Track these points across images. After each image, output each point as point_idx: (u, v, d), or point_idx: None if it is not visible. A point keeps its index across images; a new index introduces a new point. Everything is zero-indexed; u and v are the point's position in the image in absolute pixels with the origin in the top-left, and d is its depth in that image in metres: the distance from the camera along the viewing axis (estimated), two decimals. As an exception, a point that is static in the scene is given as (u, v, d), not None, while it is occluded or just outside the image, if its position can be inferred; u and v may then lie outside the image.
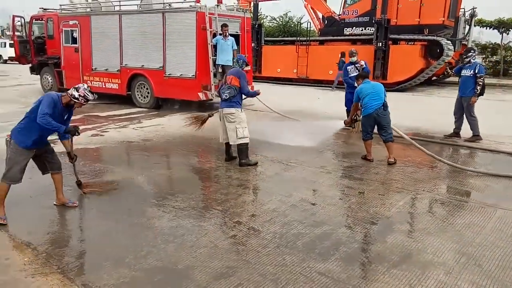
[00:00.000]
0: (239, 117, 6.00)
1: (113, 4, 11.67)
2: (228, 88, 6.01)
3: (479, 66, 7.64)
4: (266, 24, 25.39)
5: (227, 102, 6.00)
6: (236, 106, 6.01)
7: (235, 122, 5.98)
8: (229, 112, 6.01)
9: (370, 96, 6.15)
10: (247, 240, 3.79)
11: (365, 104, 6.21)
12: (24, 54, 14.04)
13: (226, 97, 5.98)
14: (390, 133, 6.22)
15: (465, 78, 7.76)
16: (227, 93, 5.96)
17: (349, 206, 4.64)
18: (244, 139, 6.02)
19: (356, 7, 18.17)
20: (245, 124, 6.08)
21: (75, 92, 4.18)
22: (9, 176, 4.14)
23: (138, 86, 11.19)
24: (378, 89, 6.24)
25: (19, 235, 3.86)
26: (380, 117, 6.14)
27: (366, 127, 6.31)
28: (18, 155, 4.15)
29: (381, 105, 6.11)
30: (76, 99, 4.18)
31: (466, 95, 7.76)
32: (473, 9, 17.19)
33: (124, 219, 4.22)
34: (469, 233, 3.98)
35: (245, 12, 11.59)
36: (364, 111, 6.27)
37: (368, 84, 6.35)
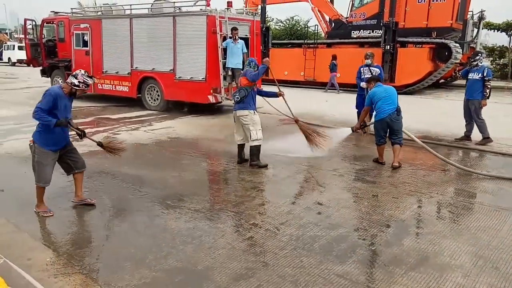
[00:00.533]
0: (252, 119, 6.07)
1: (124, 8, 11.77)
2: (238, 90, 6.13)
3: (487, 70, 7.65)
4: (272, 27, 25.44)
5: (240, 104, 6.07)
6: (248, 108, 6.06)
7: (249, 124, 6.05)
8: (242, 114, 6.08)
9: (383, 101, 6.10)
10: (264, 242, 3.83)
11: (378, 108, 6.15)
12: (35, 57, 14.20)
13: (238, 99, 6.06)
14: (400, 137, 6.20)
15: (472, 81, 7.76)
16: (238, 95, 6.06)
17: (363, 209, 4.66)
18: (257, 141, 6.10)
19: (363, 10, 18.16)
20: (259, 126, 6.15)
21: (74, 80, 4.23)
22: (42, 178, 4.32)
23: (148, 89, 11.28)
24: (391, 93, 6.21)
25: (39, 236, 3.94)
26: (393, 122, 6.10)
27: (379, 131, 6.26)
28: (45, 158, 4.29)
29: (395, 109, 6.07)
30: (77, 86, 4.24)
31: (473, 98, 7.76)
32: (482, 11, 17.16)
33: (141, 220, 4.28)
34: (485, 236, 3.99)
35: (254, 15, 11.66)
36: (377, 116, 6.21)
37: (381, 87, 6.30)
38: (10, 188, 5.12)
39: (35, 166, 4.33)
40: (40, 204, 4.40)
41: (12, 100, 13.07)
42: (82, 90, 4.30)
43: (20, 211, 4.45)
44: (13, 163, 6.29)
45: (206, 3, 10.50)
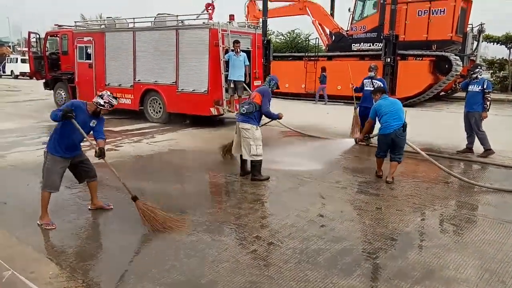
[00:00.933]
0: (253, 134, 5.99)
1: (127, 21, 11.91)
2: (248, 103, 6.07)
3: (487, 82, 7.69)
4: (274, 40, 25.67)
5: (244, 116, 6.04)
6: (252, 122, 6.01)
7: (249, 139, 5.99)
8: (244, 127, 6.05)
9: (390, 115, 5.93)
10: (268, 255, 3.81)
11: (384, 122, 5.97)
12: (38, 70, 14.32)
13: (244, 112, 6.02)
14: (401, 155, 6.06)
15: (472, 93, 7.78)
16: (245, 108, 6.01)
17: (367, 221, 4.64)
18: (257, 157, 6.02)
19: (364, 23, 18.34)
20: (260, 142, 6.05)
21: (100, 100, 4.41)
22: (49, 184, 4.41)
23: (151, 101, 11.35)
24: (397, 107, 6.03)
25: (42, 248, 3.92)
26: (398, 138, 5.92)
27: (382, 146, 6.12)
28: (54, 164, 4.40)
29: (401, 126, 5.87)
30: (101, 106, 4.41)
31: (473, 110, 7.78)
32: (481, 25, 17.32)
33: (144, 233, 4.26)
34: (490, 249, 3.97)
35: (256, 28, 11.78)
36: (382, 130, 6.02)
37: (387, 100, 6.13)
38: (13, 201, 5.12)
39: (44, 172, 4.46)
40: (44, 216, 4.42)
41: (15, 112, 13.14)
42: (106, 110, 4.45)
43: (23, 224, 4.44)
44: (16, 176, 6.30)
45: (209, 16, 10.66)
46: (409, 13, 16.91)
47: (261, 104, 6.00)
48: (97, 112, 4.47)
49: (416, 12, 16.80)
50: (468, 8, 17.43)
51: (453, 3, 16.15)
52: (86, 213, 4.75)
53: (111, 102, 4.43)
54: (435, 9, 16.50)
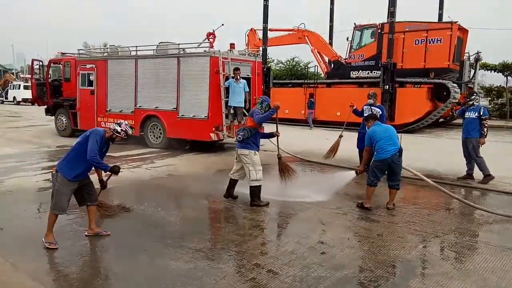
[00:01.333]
0: (252, 159, 6.02)
1: (130, 49, 12.13)
2: (242, 130, 6.14)
3: (483, 109, 7.77)
4: (273, 67, 26.08)
5: (242, 143, 6.07)
6: (249, 148, 6.03)
7: (249, 164, 6.02)
8: (243, 153, 6.07)
9: (385, 140, 5.85)
10: (267, 283, 3.73)
11: (380, 147, 5.87)
12: (40, 96, 14.45)
13: (240, 139, 6.06)
14: (399, 180, 5.99)
15: (469, 120, 7.85)
16: (241, 135, 6.06)
17: (369, 248, 4.57)
18: (257, 181, 6.01)
19: (362, 51, 18.71)
20: (259, 166, 6.07)
21: (117, 127, 4.61)
22: (58, 206, 4.47)
23: (151, 127, 11.41)
24: (392, 133, 5.99)
25: (37, 276, 3.83)
26: (395, 163, 5.84)
27: (377, 172, 5.91)
28: (65, 187, 4.45)
29: (397, 150, 5.84)
30: (118, 133, 4.60)
31: (471, 137, 7.81)
32: (478, 53, 17.64)
33: (141, 259, 4.19)
34: (493, 277, 3.89)
35: (256, 56, 11.99)
36: (378, 156, 5.89)
37: (381, 127, 6.11)
38: (9, 227, 5.05)
39: (54, 194, 4.49)
40: (49, 234, 4.46)
41: (15, 138, 13.18)
42: (121, 137, 4.64)
43: (19, 250, 4.38)
44: (13, 201, 6.25)
45: (210, 45, 10.87)
46: (406, 42, 17.28)
47: (254, 122, 6.01)
48: (112, 138, 4.63)
49: (413, 41, 17.18)
50: (464, 37, 17.81)
51: (449, 32, 16.53)
52: (82, 240, 4.68)
53: (127, 131, 4.64)
54: (432, 38, 16.87)
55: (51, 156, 10.38)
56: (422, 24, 17.51)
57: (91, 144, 4.40)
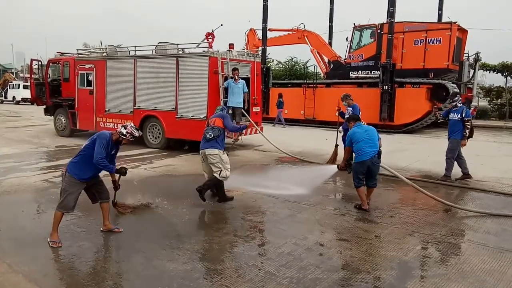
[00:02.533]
0: (221, 158, 6.22)
1: (129, 49, 12.12)
2: (212, 128, 6.28)
3: (466, 110, 7.80)
4: (273, 67, 26.08)
5: (210, 142, 6.22)
6: (218, 147, 6.22)
7: (218, 162, 6.20)
8: (211, 153, 6.21)
9: (365, 142, 5.87)
10: (263, 285, 3.73)
11: (360, 150, 5.89)
12: (39, 96, 14.44)
13: (211, 137, 6.19)
14: (376, 181, 6.17)
15: (453, 121, 7.90)
16: (211, 133, 6.21)
17: (366, 250, 4.56)
18: (225, 179, 6.29)
19: (361, 52, 18.70)
20: (228, 165, 6.31)
21: (123, 130, 4.67)
22: (64, 205, 4.55)
23: (150, 127, 11.40)
24: (372, 134, 5.98)
25: (34, 277, 3.82)
26: (374, 165, 5.89)
27: (358, 174, 5.94)
28: (73, 187, 4.55)
29: (376, 152, 5.86)
30: (124, 136, 4.66)
31: (453, 137, 7.87)
32: (477, 53, 17.63)
33: (139, 261, 4.18)
34: (491, 279, 3.89)
35: (255, 56, 11.98)
36: (358, 158, 5.92)
37: (361, 128, 6.10)
38: (7, 227, 5.04)
39: (62, 193, 4.60)
40: (54, 233, 4.54)
41: (14, 138, 13.16)
42: (127, 140, 4.71)
43: (16, 251, 4.37)
44: (11, 202, 6.24)
45: (209, 45, 10.86)
46: (406, 42, 17.27)
47: (225, 125, 6.34)
48: (119, 141, 4.72)
49: (413, 41, 17.16)
50: (463, 38, 17.80)
51: (448, 33, 16.51)
52: (79, 241, 4.67)
53: (133, 133, 4.70)
54: (431, 38, 16.86)
55: (50, 156, 10.37)
56: (421, 24, 17.50)
57: (97, 148, 4.49)
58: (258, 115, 11.97)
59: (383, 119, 16.37)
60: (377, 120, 16.38)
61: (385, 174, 8.46)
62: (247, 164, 9.51)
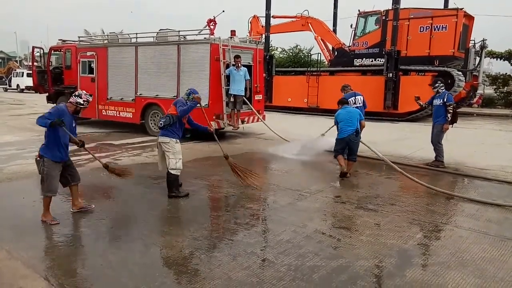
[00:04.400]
0: (173, 147, 5.81)
1: (130, 36, 12.03)
2: (165, 117, 5.90)
3: (447, 95, 7.96)
4: (276, 55, 25.87)
5: (163, 130, 5.84)
6: (171, 135, 5.81)
7: (169, 152, 5.80)
8: (163, 141, 5.83)
9: (345, 122, 6.89)
10: (261, 272, 3.72)
11: (340, 128, 6.96)
12: (41, 84, 14.43)
13: (161, 125, 5.83)
14: (355, 156, 7.15)
15: (436, 107, 8.07)
16: (162, 121, 5.82)
17: (366, 238, 4.53)
18: (176, 170, 5.81)
19: (366, 39, 18.46)
20: (180, 155, 5.87)
21: (79, 99, 4.82)
22: (50, 189, 4.73)
23: (152, 115, 11.37)
24: (352, 115, 6.95)
25: (32, 263, 3.83)
26: (351, 142, 6.89)
27: (338, 146, 7.05)
28: (53, 169, 4.68)
29: (354, 131, 6.82)
30: (81, 104, 4.83)
31: (438, 123, 8.04)
32: (483, 40, 17.34)
33: (137, 248, 4.18)
34: (491, 267, 3.85)
35: (257, 44, 11.85)
36: (339, 135, 7.00)
37: (345, 110, 7.06)
38: (7, 214, 5.07)
39: (44, 178, 4.69)
40: (47, 213, 4.72)
41: (17, 125, 13.19)
42: (85, 107, 4.88)
43: (16, 238, 4.38)
44: (12, 189, 6.26)
45: (210, 32, 10.74)
46: (411, 29, 17.00)
47: (177, 111, 5.76)
48: (77, 111, 4.87)
49: (418, 28, 16.89)
50: (470, 25, 17.50)
51: (454, 19, 16.23)
52: (78, 227, 4.69)
53: (88, 100, 4.88)
54: (437, 25, 16.58)
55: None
56: (427, 10, 17.20)
57: (45, 114, 4.58)
58: (260, 103, 11.89)
59: (387, 107, 16.23)
60: (381, 108, 16.25)
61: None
62: (248, 152, 9.48)
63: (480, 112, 19.95)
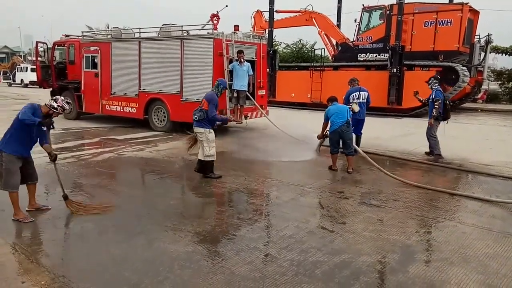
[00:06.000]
0: (206, 136, 6.45)
1: (133, 31, 12.01)
2: (199, 110, 6.48)
3: (435, 92, 8.27)
4: (280, 50, 25.77)
5: (197, 122, 6.45)
6: (205, 126, 6.44)
7: (203, 141, 6.45)
8: (198, 131, 6.51)
9: (336, 115, 7.15)
10: (264, 267, 3.72)
11: (332, 122, 7.18)
12: (45, 79, 14.43)
13: (196, 119, 6.44)
14: (351, 148, 7.28)
15: (430, 103, 8.45)
16: (197, 115, 6.43)
17: (369, 233, 4.53)
18: (210, 157, 6.50)
19: (370, 33, 18.34)
20: (213, 144, 6.53)
21: (54, 103, 4.68)
22: (12, 184, 4.62)
23: (155, 110, 11.37)
24: (342, 109, 7.26)
25: (36, 257, 3.86)
26: (344, 132, 7.10)
27: (333, 141, 7.25)
28: (13, 164, 4.59)
29: (345, 122, 7.05)
30: (55, 109, 4.67)
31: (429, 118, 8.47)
32: (488, 35, 17.19)
33: (140, 242, 4.20)
34: (494, 263, 3.84)
35: (261, 39, 11.79)
36: (331, 128, 7.22)
37: (335, 106, 7.34)
38: (10, 208, 5.07)
39: (3, 173, 4.57)
40: (18, 212, 4.64)
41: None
42: (58, 113, 4.71)
43: (20, 232, 4.42)
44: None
45: (213, 27, 10.70)
46: (416, 24, 16.87)
47: (208, 110, 6.39)
48: (49, 114, 4.68)
49: (423, 23, 16.76)
50: (475, 19, 17.35)
51: (459, 14, 16.09)
52: (82, 222, 4.70)
53: (63, 107, 4.71)
54: (442, 20, 16.44)
55: (56, 138, 10.39)
56: (432, 5, 17.06)
57: (23, 112, 4.47)
58: (263, 98, 11.86)
59: (391, 102, 16.15)
60: (385, 104, 16.18)
61: (392, 157, 8.43)
62: (250, 147, 9.47)
63: (484, 107, 19.84)
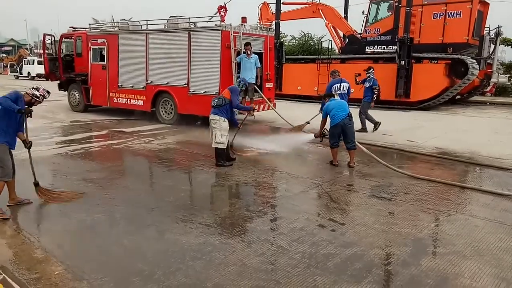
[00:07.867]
0: (220, 124, 6.65)
1: (140, 23, 11.98)
2: (218, 97, 6.85)
3: (372, 80, 10.26)
4: (286, 43, 25.60)
5: (214, 109, 6.71)
6: (220, 114, 6.68)
7: (216, 128, 6.66)
8: (213, 118, 6.72)
9: (337, 109, 7.02)
10: (276, 259, 3.72)
11: (333, 116, 7.01)
12: (53, 71, 14.47)
13: (214, 104, 6.73)
14: (353, 142, 7.05)
15: (365, 88, 10.43)
16: (216, 101, 6.74)
17: (380, 226, 4.51)
18: (221, 144, 6.71)
19: (378, 25, 18.14)
20: (225, 132, 6.72)
21: (36, 92, 4.78)
22: (6, 173, 4.69)
23: (163, 102, 11.37)
24: (342, 103, 7.23)
25: (49, 248, 3.88)
26: (346, 126, 6.93)
27: (334, 135, 7.08)
28: (4, 153, 4.64)
29: (347, 115, 6.93)
30: (37, 97, 4.79)
31: (365, 100, 10.39)
32: (498, 28, 16.95)
33: (151, 234, 4.21)
34: (507, 257, 3.81)
35: (268, 31, 11.71)
36: (332, 122, 7.03)
37: (334, 101, 7.28)
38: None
39: None
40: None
41: (30, 113, 13.27)
42: (39, 102, 4.84)
43: (32, 223, 4.47)
44: (26, 176, 6.31)
45: (221, 18, 10.63)
46: (425, 15, 16.65)
47: (231, 99, 6.71)
48: (31, 103, 4.75)
49: (432, 14, 16.53)
50: (485, 11, 17.09)
51: (469, 6, 15.85)
52: (94, 213, 4.72)
53: (44, 95, 4.84)
54: (451, 11, 16.21)
55: (65, 131, 10.47)
56: (441, -4, 16.83)
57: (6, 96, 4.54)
58: (271, 91, 11.81)
59: (399, 95, 16.01)
60: (392, 97, 16.03)
61: (401, 150, 8.39)
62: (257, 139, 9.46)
63: (493, 100, 19.63)
